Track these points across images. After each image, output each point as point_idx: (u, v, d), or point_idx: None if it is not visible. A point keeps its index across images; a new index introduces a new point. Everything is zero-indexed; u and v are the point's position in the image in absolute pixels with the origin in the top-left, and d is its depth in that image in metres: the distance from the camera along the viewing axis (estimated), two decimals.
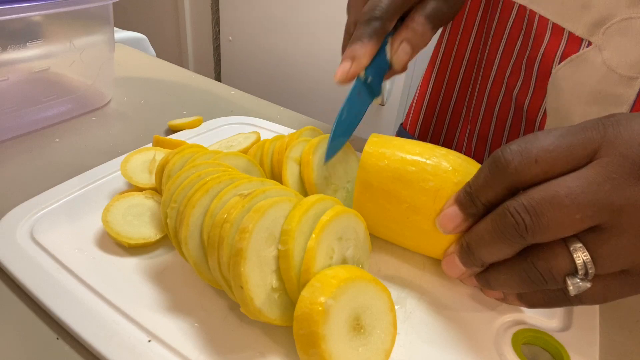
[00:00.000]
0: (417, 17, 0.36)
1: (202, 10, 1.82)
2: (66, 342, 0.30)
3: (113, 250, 0.35)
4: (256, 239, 0.27)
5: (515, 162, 0.26)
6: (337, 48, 1.46)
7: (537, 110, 0.46)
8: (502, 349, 0.29)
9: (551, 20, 0.42)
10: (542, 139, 0.26)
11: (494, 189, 0.27)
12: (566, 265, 0.25)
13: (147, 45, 0.99)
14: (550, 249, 0.26)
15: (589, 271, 0.25)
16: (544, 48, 0.43)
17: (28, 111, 0.53)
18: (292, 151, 0.39)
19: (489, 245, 0.28)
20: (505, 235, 0.26)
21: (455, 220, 0.30)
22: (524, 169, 0.26)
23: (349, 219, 0.31)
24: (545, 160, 0.25)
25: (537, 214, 0.25)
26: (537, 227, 0.25)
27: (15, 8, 0.44)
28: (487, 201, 0.28)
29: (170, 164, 0.37)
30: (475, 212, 0.29)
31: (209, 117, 0.57)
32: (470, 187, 0.29)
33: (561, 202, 0.24)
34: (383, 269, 0.36)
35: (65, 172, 0.44)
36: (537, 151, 0.26)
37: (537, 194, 0.25)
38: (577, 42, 0.40)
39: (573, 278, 0.26)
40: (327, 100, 1.58)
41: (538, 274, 0.26)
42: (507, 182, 0.27)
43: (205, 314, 0.31)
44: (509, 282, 0.28)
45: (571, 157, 0.25)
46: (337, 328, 0.25)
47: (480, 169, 0.28)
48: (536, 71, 0.45)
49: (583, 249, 0.25)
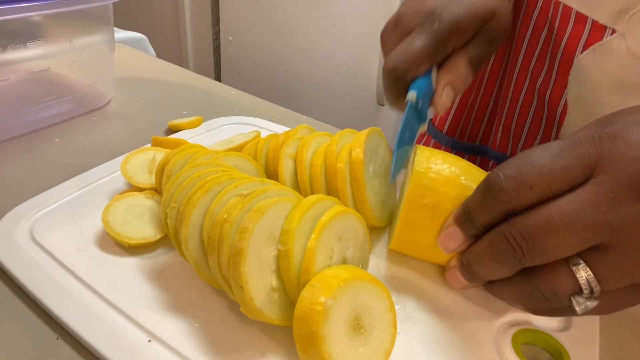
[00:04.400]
0: (460, 61, 0.37)
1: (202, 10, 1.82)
2: (66, 342, 0.30)
3: (113, 250, 0.35)
4: (256, 239, 0.27)
5: (509, 188, 0.25)
6: (337, 48, 1.47)
7: (557, 102, 0.46)
8: (502, 349, 0.29)
9: (575, 8, 0.41)
10: (536, 161, 0.25)
11: (490, 213, 0.27)
12: (570, 285, 0.25)
13: (147, 45, 0.99)
14: (552, 270, 0.25)
15: (594, 290, 0.25)
16: (567, 37, 0.43)
17: (28, 111, 0.53)
18: (287, 148, 0.39)
19: (488, 266, 0.27)
20: (502, 258, 0.26)
21: (456, 241, 0.29)
22: (519, 196, 0.25)
23: (349, 219, 0.31)
24: (540, 185, 0.25)
25: (533, 240, 0.24)
26: (534, 252, 0.25)
27: (15, 8, 0.44)
28: (485, 223, 0.28)
29: (170, 164, 0.37)
30: (475, 232, 0.28)
31: (209, 117, 0.57)
32: (467, 208, 0.28)
33: (557, 227, 0.24)
34: (383, 269, 0.36)
35: (65, 172, 0.44)
36: (532, 177, 0.25)
37: (532, 219, 0.25)
38: (601, 31, 0.39)
39: (579, 297, 0.25)
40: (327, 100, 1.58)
41: (542, 294, 0.26)
42: (502, 207, 0.26)
43: (205, 314, 0.31)
44: (514, 298, 0.28)
45: (567, 178, 0.25)
46: (337, 328, 0.25)
47: (476, 191, 0.28)
48: (558, 61, 0.44)
49: (585, 268, 0.24)
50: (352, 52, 1.44)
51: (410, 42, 0.36)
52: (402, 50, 0.36)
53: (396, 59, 0.36)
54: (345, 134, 0.39)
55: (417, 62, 0.35)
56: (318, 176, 0.37)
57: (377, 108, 1.45)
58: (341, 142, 0.38)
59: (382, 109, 1.44)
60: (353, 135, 0.39)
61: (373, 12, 1.34)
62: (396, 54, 0.36)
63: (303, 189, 0.37)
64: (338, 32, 1.45)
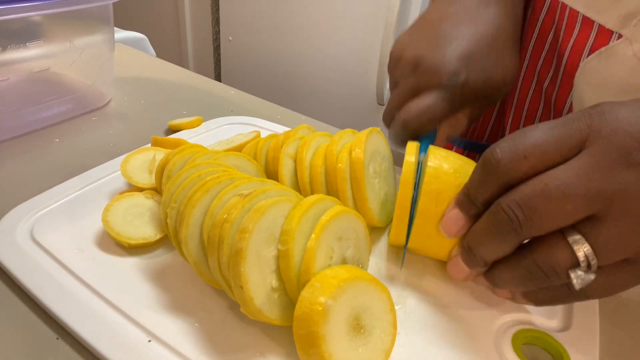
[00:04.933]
0: (462, 118, 0.40)
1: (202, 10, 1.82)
2: (66, 342, 0.30)
3: (113, 250, 0.35)
4: (256, 239, 0.27)
5: (504, 159, 0.26)
6: (337, 48, 1.46)
7: (564, 104, 0.46)
8: (502, 349, 0.29)
9: (581, 12, 0.42)
10: (530, 134, 0.26)
11: (489, 188, 0.28)
12: (567, 258, 0.25)
13: (147, 45, 0.99)
14: (550, 244, 0.26)
15: (592, 262, 0.25)
16: (572, 41, 0.43)
17: (28, 111, 0.53)
18: (288, 147, 0.39)
19: (488, 243, 0.28)
20: (500, 231, 0.27)
21: (458, 223, 0.30)
22: (514, 166, 0.26)
23: (349, 219, 0.31)
24: (534, 155, 0.26)
25: (528, 208, 0.25)
26: (531, 221, 0.25)
27: (15, 8, 0.44)
28: (485, 200, 0.28)
29: (170, 164, 0.37)
30: (476, 212, 0.29)
31: (209, 117, 0.57)
32: (467, 189, 0.29)
33: (551, 194, 0.25)
34: (383, 269, 0.36)
35: (65, 172, 0.44)
36: (525, 147, 0.26)
37: (528, 188, 0.25)
38: (607, 35, 0.40)
39: (576, 271, 0.26)
40: (327, 100, 1.58)
41: (540, 270, 0.26)
42: (499, 180, 0.27)
43: (205, 314, 0.31)
44: (514, 279, 0.28)
45: (560, 150, 0.25)
46: (337, 328, 0.25)
47: (475, 169, 0.29)
48: (564, 64, 0.45)
49: (583, 241, 0.25)
50: (352, 52, 1.44)
51: (428, 102, 0.38)
52: (418, 109, 0.38)
53: (411, 116, 0.38)
54: (345, 134, 0.39)
55: (432, 123, 0.38)
56: (318, 176, 0.37)
57: (377, 108, 1.45)
58: (341, 142, 0.38)
59: (382, 108, 1.43)
60: (353, 136, 0.39)
61: (373, 13, 1.34)
62: (412, 110, 0.38)
63: (303, 189, 0.37)
64: (338, 32, 1.45)
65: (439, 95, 0.37)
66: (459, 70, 0.37)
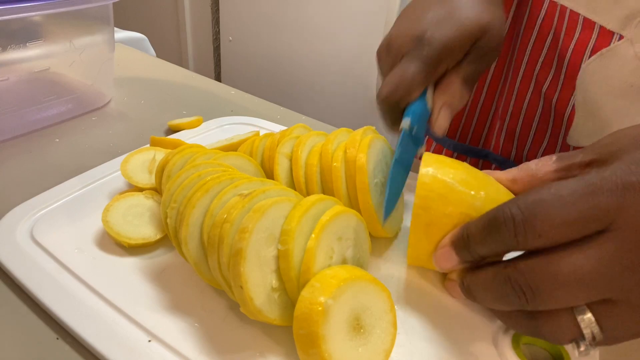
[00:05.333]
0: (454, 80, 0.36)
1: (202, 10, 1.82)
2: (66, 342, 0.30)
3: (113, 250, 0.35)
4: (256, 239, 0.27)
5: (518, 235, 0.24)
6: (337, 48, 1.47)
7: (565, 105, 0.46)
8: (502, 349, 0.29)
9: (582, 14, 0.42)
10: (548, 208, 0.23)
11: (490, 249, 0.26)
12: (573, 332, 0.24)
13: (147, 45, 0.99)
14: (557, 317, 0.25)
15: (597, 338, 0.24)
16: (574, 43, 0.43)
17: (28, 111, 0.53)
18: (283, 147, 0.39)
19: (489, 300, 0.27)
20: (505, 300, 0.26)
21: (450, 262, 0.29)
22: (526, 243, 0.24)
23: (349, 219, 0.31)
24: (550, 234, 0.23)
25: (539, 291, 0.24)
26: (539, 302, 0.24)
27: (15, 8, 0.44)
28: (484, 255, 0.27)
29: (170, 164, 0.37)
30: (471, 260, 0.28)
31: (209, 117, 0.57)
32: (467, 236, 0.28)
33: (565, 282, 0.23)
34: (383, 269, 0.36)
35: (65, 172, 0.44)
36: (542, 226, 0.23)
37: (539, 269, 0.24)
38: (608, 36, 0.40)
39: (580, 344, 0.25)
40: (327, 100, 1.58)
41: (542, 335, 0.26)
42: (505, 249, 0.26)
43: (205, 314, 0.31)
44: (514, 326, 0.28)
45: (580, 228, 0.23)
46: (336, 328, 0.25)
47: (479, 223, 0.27)
48: (566, 66, 0.45)
49: (591, 319, 0.24)
50: (352, 52, 1.44)
51: (401, 69, 0.36)
52: (393, 79, 0.36)
53: (388, 88, 0.36)
54: (340, 133, 0.39)
55: (409, 89, 0.35)
56: (313, 175, 0.37)
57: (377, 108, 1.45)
58: (336, 141, 0.38)
59: None
60: (348, 135, 0.39)
61: (373, 12, 1.34)
62: (388, 82, 0.36)
63: (298, 188, 0.37)
64: (338, 32, 1.45)
65: (408, 59, 0.36)
66: (424, 31, 0.36)
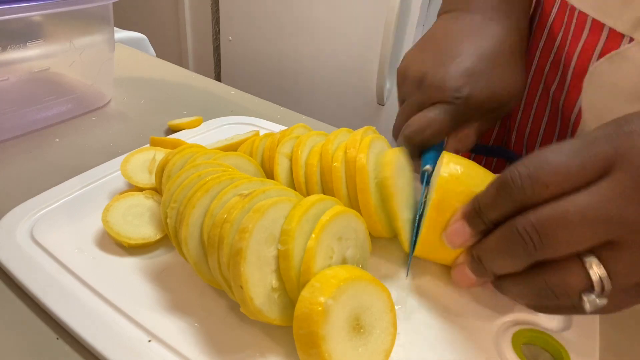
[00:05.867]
0: (470, 133, 0.40)
1: (202, 10, 1.82)
2: (66, 342, 0.30)
3: (113, 250, 0.35)
4: (256, 239, 0.27)
5: (526, 188, 0.25)
6: (337, 48, 1.47)
7: (572, 108, 0.46)
8: (502, 349, 0.29)
9: (590, 15, 0.41)
10: (552, 160, 0.25)
11: (502, 209, 0.27)
12: (581, 282, 0.25)
13: (147, 45, 0.99)
14: (565, 265, 0.25)
15: (606, 287, 0.24)
16: (581, 44, 0.42)
17: (28, 111, 0.53)
18: (283, 147, 0.39)
19: (499, 260, 0.27)
20: (513, 251, 0.26)
21: (463, 236, 0.29)
22: (535, 194, 0.25)
23: (349, 219, 0.31)
24: (556, 183, 0.25)
25: (545, 233, 0.24)
26: (546, 245, 0.24)
27: (15, 8, 0.44)
28: (496, 219, 0.27)
29: (170, 164, 0.37)
30: (484, 228, 0.28)
31: (209, 117, 0.57)
32: (477, 205, 0.28)
33: (570, 220, 0.24)
34: (383, 269, 0.36)
35: (65, 172, 0.44)
36: (547, 176, 0.25)
37: (546, 212, 0.24)
38: (618, 39, 0.39)
39: (589, 295, 0.25)
40: (327, 100, 1.58)
41: (551, 290, 0.26)
42: (515, 204, 0.26)
43: (205, 314, 0.31)
44: (522, 294, 0.28)
45: (583, 175, 0.24)
46: (337, 328, 0.25)
47: (489, 188, 0.28)
48: (573, 68, 0.44)
49: (599, 265, 0.24)
50: (353, 52, 1.44)
51: (430, 116, 0.38)
52: (422, 122, 0.38)
53: (415, 129, 0.38)
54: (340, 133, 0.39)
55: (435, 136, 0.38)
56: (313, 175, 0.37)
57: (377, 108, 1.45)
58: (336, 141, 0.38)
59: (382, 108, 1.44)
60: (348, 135, 0.39)
61: (373, 12, 1.34)
62: (415, 124, 0.38)
63: (298, 187, 0.37)
64: (338, 32, 1.45)
65: (441, 110, 0.38)
66: (462, 86, 0.37)
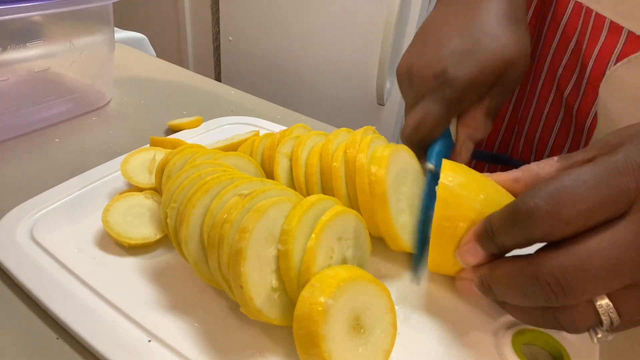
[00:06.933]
0: (478, 114, 0.37)
1: (202, 10, 1.82)
2: (66, 342, 0.30)
3: (113, 250, 0.35)
4: (256, 239, 0.27)
5: (544, 224, 0.24)
6: (337, 48, 1.47)
7: (587, 113, 0.44)
8: (502, 349, 0.29)
9: (608, 18, 0.40)
10: (572, 193, 0.23)
11: (517, 240, 0.26)
12: (591, 320, 0.24)
13: (147, 45, 0.99)
14: (576, 306, 0.24)
15: (614, 324, 0.24)
16: (599, 47, 0.41)
17: (28, 111, 0.53)
18: (283, 146, 0.39)
19: (512, 296, 0.26)
20: (531, 295, 0.25)
21: (476, 256, 0.28)
22: (553, 232, 0.24)
23: (349, 219, 0.31)
24: (578, 221, 0.23)
25: (569, 286, 0.23)
26: (569, 297, 0.24)
27: (15, 8, 0.44)
28: (509, 246, 0.27)
29: (170, 164, 0.37)
30: (497, 252, 0.28)
31: (209, 117, 0.57)
32: (490, 228, 0.27)
33: (595, 273, 0.23)
34: (383, 269, 0.36)
35: (65, 172, 0.44)
36: (568, 213, 0.23)
37: (569, 262, 0.23)
38: (637, 42, 0.38)
39: (597, 331, 0.25)
40: (327, 100, 1.58)
41: (559, 323, 0.25)
42: (530, 239, 0.25)
43: (205, 314, 0.31)
44: (529, 321, 0.28)
45: (605, 211, 0.23)
46: (337, 328, 0.25)
47: (503, 214, 0.26)
48: (589, 72, 0.43)
49: (610, 306, 0.24)
50: (352, 52, 1.44)
51: (422, 110, 0.36)
52: (415, 119, 0.36)
53: (410, 128, 0.36)
54: (340, 133, 0.39)
55: (431, 130, 0.36)
56: (313, 175, 0.37)
57: (377, 108, 1.45)
58: (336, 141, 0.38)
59: (382, 108, 1.44)
60: (348, 135, 0.39)
61: (373, 13, 1.34)
62: (410, 122, 0.37)
63: (298, 187, 0.37)
64: (338, 32, 1.45)
65: (430, 100, 0.36)
66: (442, 70, 0.35)
